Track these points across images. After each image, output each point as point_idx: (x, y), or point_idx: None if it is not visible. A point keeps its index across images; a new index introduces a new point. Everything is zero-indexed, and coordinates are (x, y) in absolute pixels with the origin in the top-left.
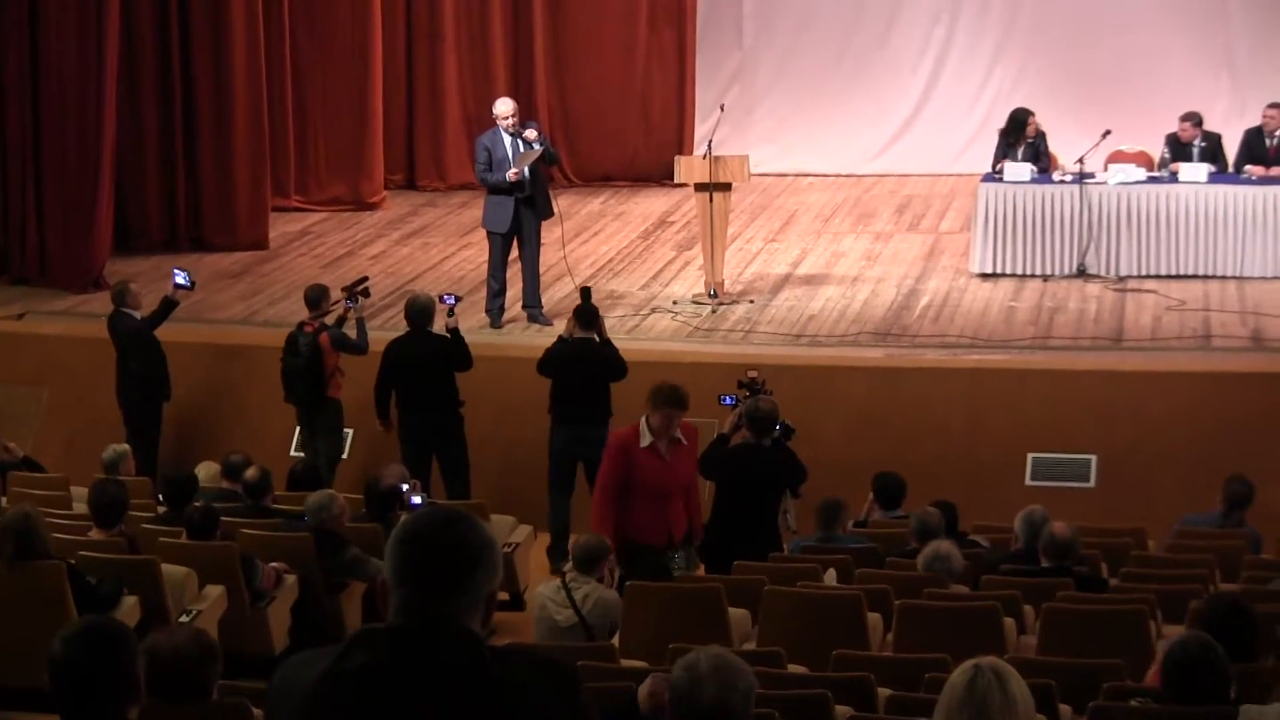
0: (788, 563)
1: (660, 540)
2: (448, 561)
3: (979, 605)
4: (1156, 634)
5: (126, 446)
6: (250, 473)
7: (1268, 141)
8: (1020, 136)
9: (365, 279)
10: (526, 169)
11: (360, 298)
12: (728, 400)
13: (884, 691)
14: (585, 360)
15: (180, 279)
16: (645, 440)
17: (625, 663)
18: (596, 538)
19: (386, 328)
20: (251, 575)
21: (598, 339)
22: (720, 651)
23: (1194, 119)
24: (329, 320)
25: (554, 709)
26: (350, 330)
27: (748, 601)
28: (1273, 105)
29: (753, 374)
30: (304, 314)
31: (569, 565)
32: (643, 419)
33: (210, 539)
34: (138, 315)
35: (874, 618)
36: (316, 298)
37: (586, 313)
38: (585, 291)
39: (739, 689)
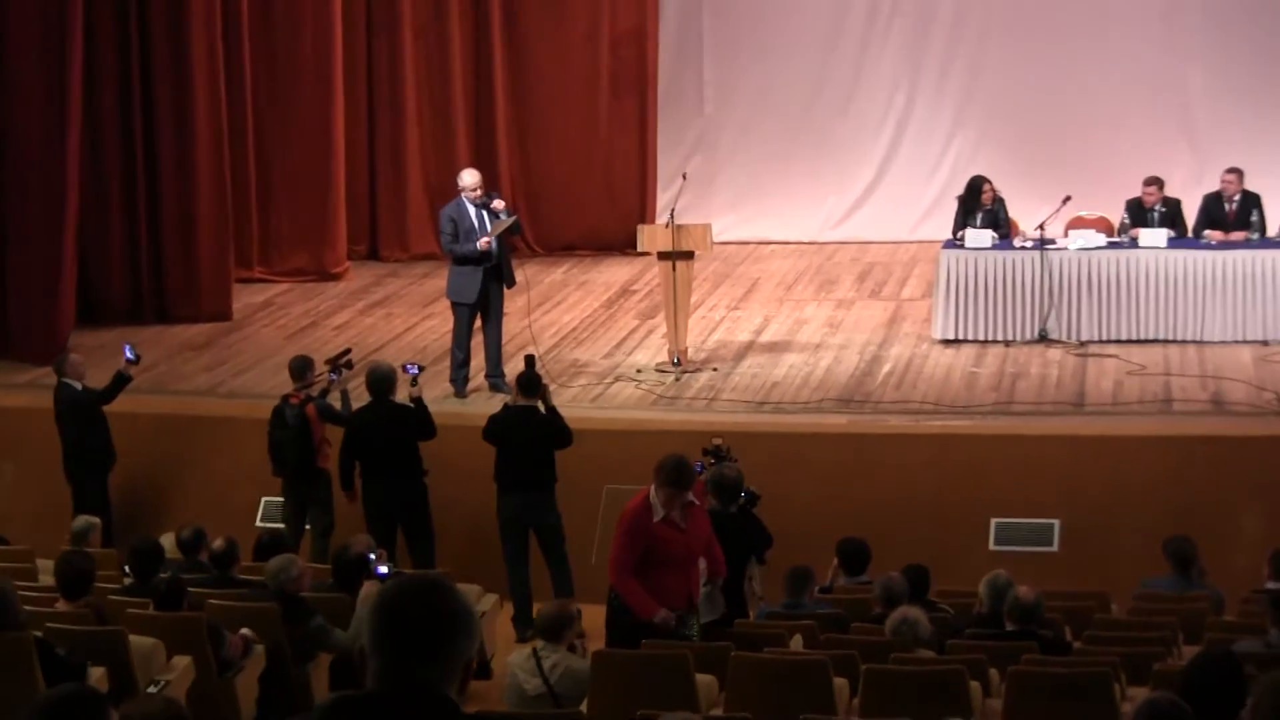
0: (754, 629)
1: (683, 605)
2: (426, 629)
3: (945, 669)
4: (1121, 696)
5: (97, 519)
6: (218, 543)
7: (1226, 206)
8: (977, 203)
9: (349, 350)
10: (495, 239)
11: (344, 369)
12: (695, 467)
13: None
14: (528, 428)
15: (128, 353)
16: (659, 515)
17: None
18: (560, 604)
19: (350, 397)
20: (219, 645)
21: (542, 407)
22: (689, 717)
23: (1157, 183)
24: (314, 391)
25: None
26: (335, 401)
27: (714, 668)
28: (1231, 170)
29: (718, 441)
30: (269, 385)
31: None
32: (649, 490)
33: (178, 609)
34: (78, 386)
35: (840, 682)
36: (301, 368)
37: (528, 380)
38: (529, 360)
39: None
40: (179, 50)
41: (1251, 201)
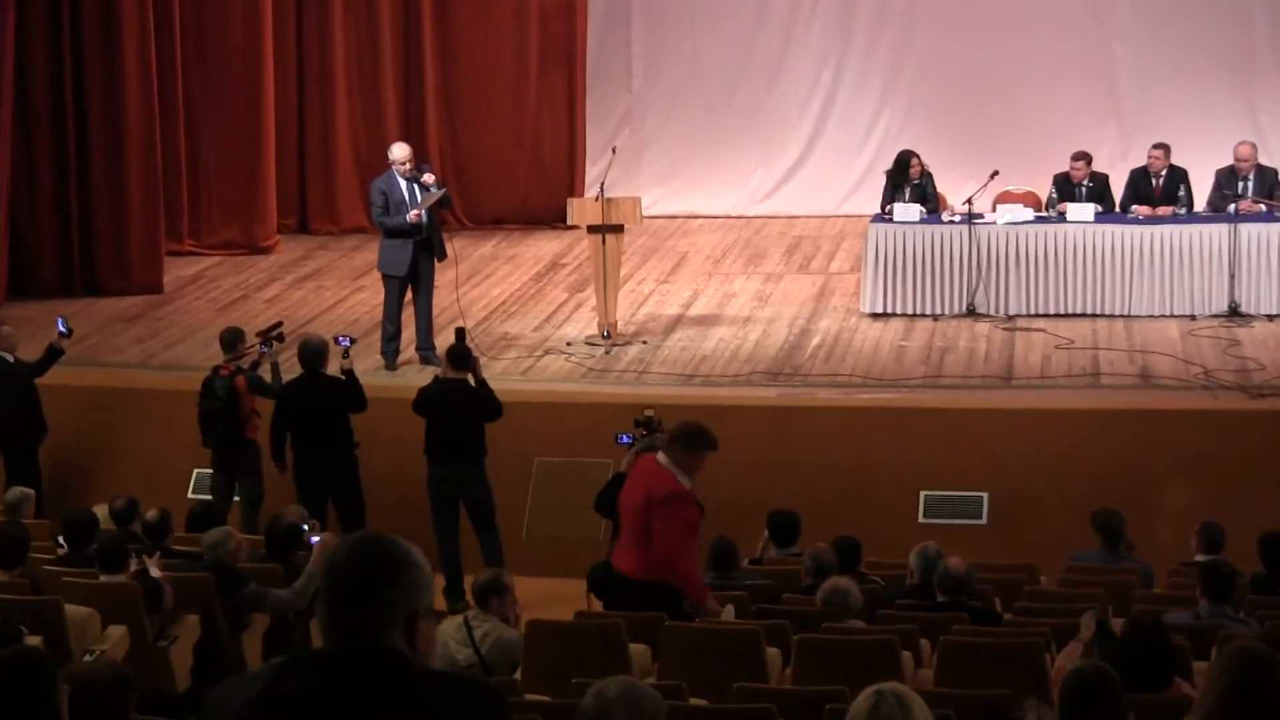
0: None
1: None
2: (362, 580)
3: (876, 639)
4: (1051, 665)
5: (30, 490)
6: (151, 514)
7: (1153, 181)
8: (905, 178)
9: (280, 323)
10: (425, 212)
11: (275, 342)
12: (625, 439)
13: None
14: (457, 400)
15: (60, 327)
16: (686, 483)
17: (529, 697)
18: (493, 573)
19: (280, 370)
20: (157, 598)
21: (472, 380)
22: (629, 679)
23: (1085, 158)
24: (244, 364)
25: None
26: (265, 374)
27: (647, 637)
28: (1157, 146)
29: (649, 412)
30: (201, 358)
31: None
32: (660, 458)
33: (123, 570)
34: (9, 358)
35: (773, 652)
36: (232, 340)
37: (458, 353)
38: (459, 332)
39: (648, 715)
40: (108, 21)
41: (1178, 177)
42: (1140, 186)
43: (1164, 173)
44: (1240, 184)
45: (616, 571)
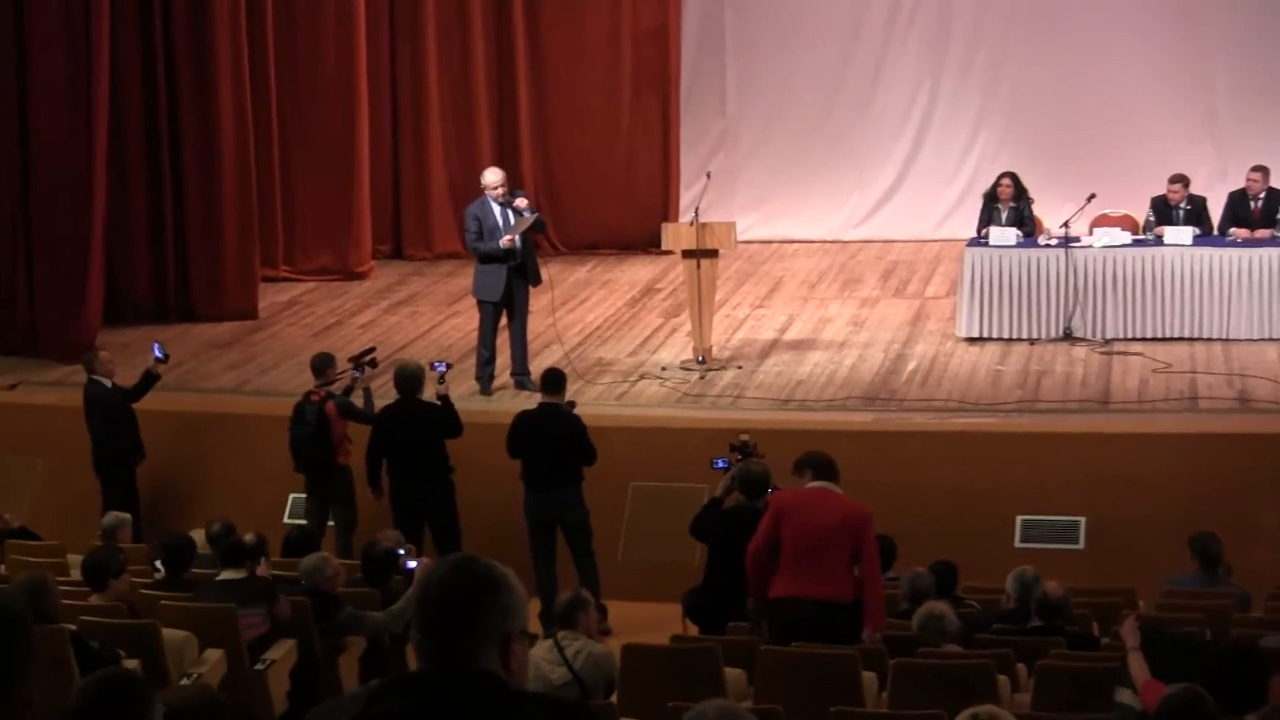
0: None
1: None
2: (456, 602)
3: (973, 663)
4: None
5: (127, 515)
6: (248, 537)
7: (1251, 204)
8: (998, 201)
9: (373, 349)
10: (519, 237)
11: (367, 367)
12: (720, 464)
13: None
14: (550, 427)
15: (157, 352)
16: None
17: None
18: (573, 591)
19: (376, 395)
20: (272, 603)
21: (565, 404)
22: (725, 703)
23: (1183, 181)
24: (335, 389)
25: None
26: (357, 399)
27: (743, 661)
28: (1256, 168)
29: (745, 437)
30: (295, 383)
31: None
32: (833, 487)
33: (250, 568)
34: (108, 383)
35: (869, 676)
36: (322, 365)
37: (552, 378)
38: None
39: None
40: (202, 51)
41: (1276, 199)
42: (1238, 209)
43: (1263, 195)
44: None
45: (798, 598)
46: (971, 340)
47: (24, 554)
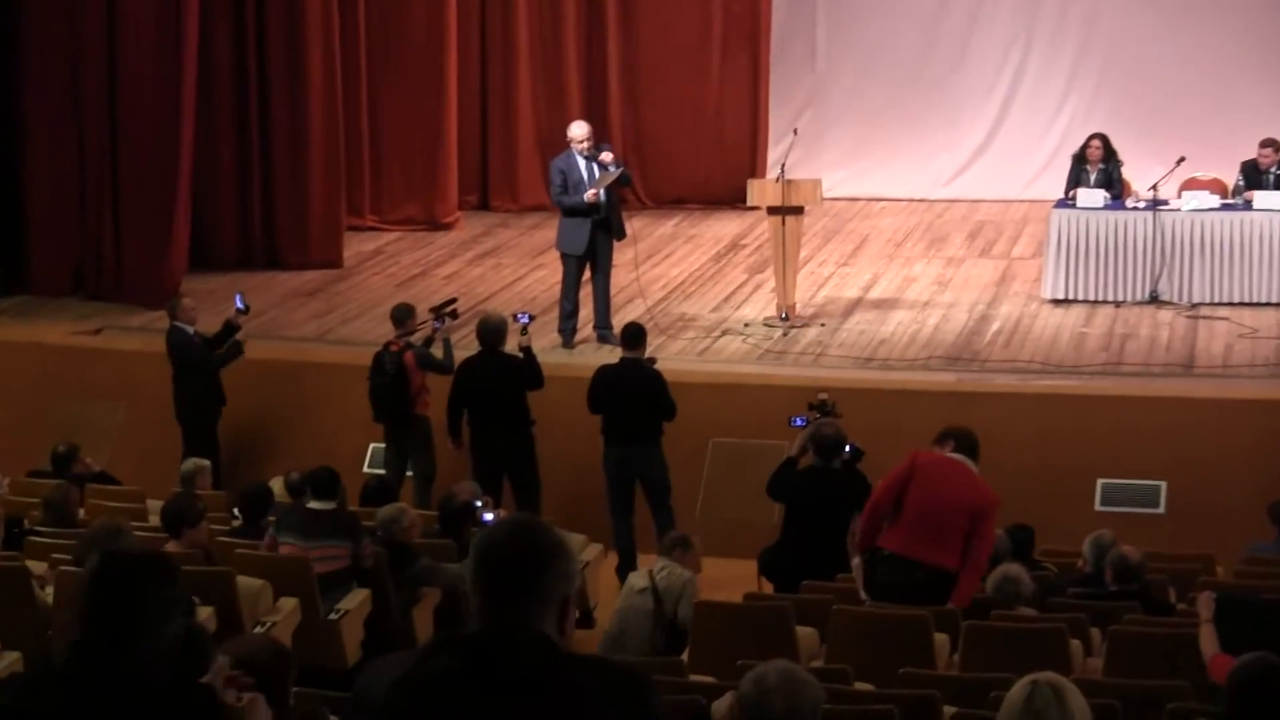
0: (854, 585)
1: None
2: (517, 566)
3: (1045, 627)
4: None
5: (206, 461)
6: None
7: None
8: (1086, 162)
9: (454, 300)
10: (603, 191)
11: (448, 318)
12: (798, 421)
13: (949, 709)
14: (630, 382)
15: (238, 303)
16: None
17: (694, 678)
18: (683, 534)
19: (459, 346)
20: (358, 539)
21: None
22: (788, 665)
23: (1273, 145)
24: (416, 339)
25: (626, 715)
26: (437, 350)
27: (816, 620)
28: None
29: (823, 396)
30: (378, 333)
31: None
32: (970, 465)
33: (335, 498)
34: (190, 330)
35: (940, 638)
36: (402, 316)
37: (632, 332)
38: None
39: (807, 701)
40: None
41: None
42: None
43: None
44: None
45: (911, 559)
46: (1056, 302)
47: (104, 498)
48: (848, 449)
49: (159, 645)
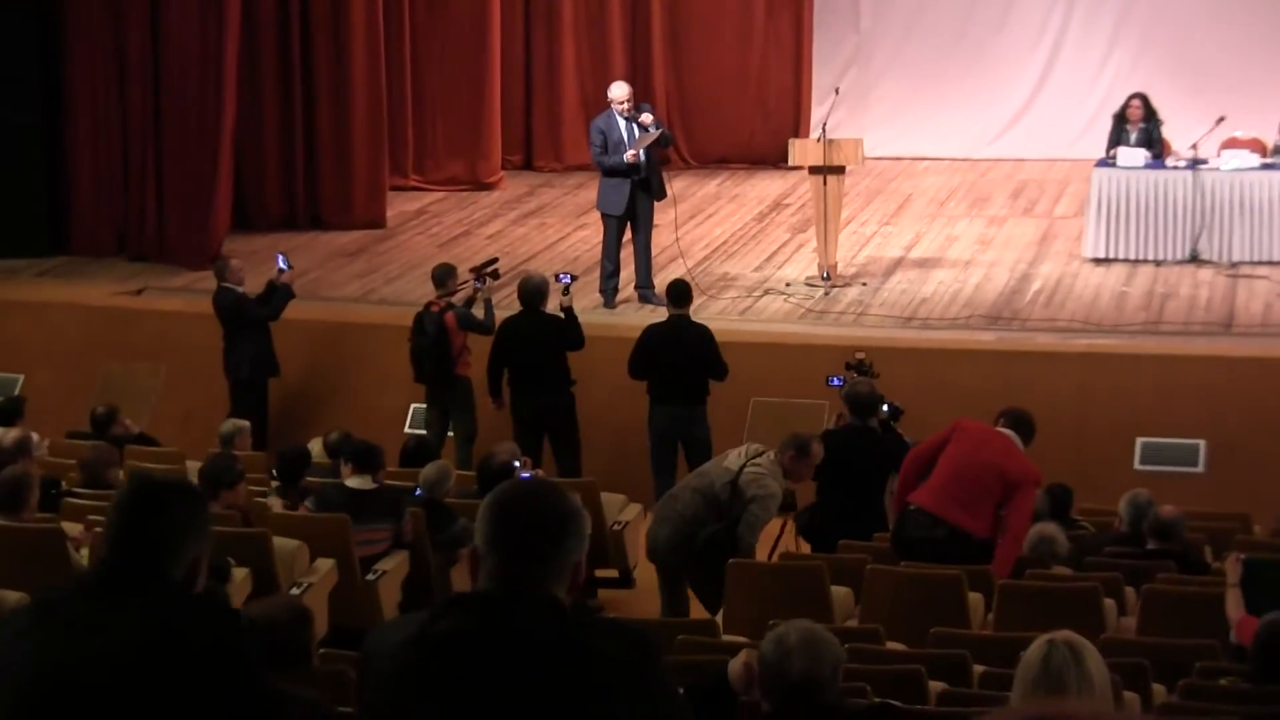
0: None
1: None
2: (534, 529)
3: (1079, 586)
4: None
5: (245, 422)
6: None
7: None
8: (1126, 121)
9: (495, 260)
10: (643, 151)
11: (489, 279)
12: (835, 381)
13: (979, 668)
14: (680, 340)
15: (281, 263)
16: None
17: (727, 638)
18: (802, 438)
19: (500, 306)
20: (400, 515)
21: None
22: (809, 625)
23: None
24: (457, 300)
25: (634, 676)
26: (478, 310)
27: (851, 581)
28: None
29: (860, 355)
30: (420, 294)
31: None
32: (1015, 438)
33: (378, 472)
34: (239, 290)
35: (975, 598)
36: (443, 276)
37: (677, 290)
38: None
39: (827, 661)
40: None
41: None
42: None
43: None
44: None
45: (938, 517)
46: (1098, 261)
47: (143, 460)
48: (885, 408)
49: (181, 564)
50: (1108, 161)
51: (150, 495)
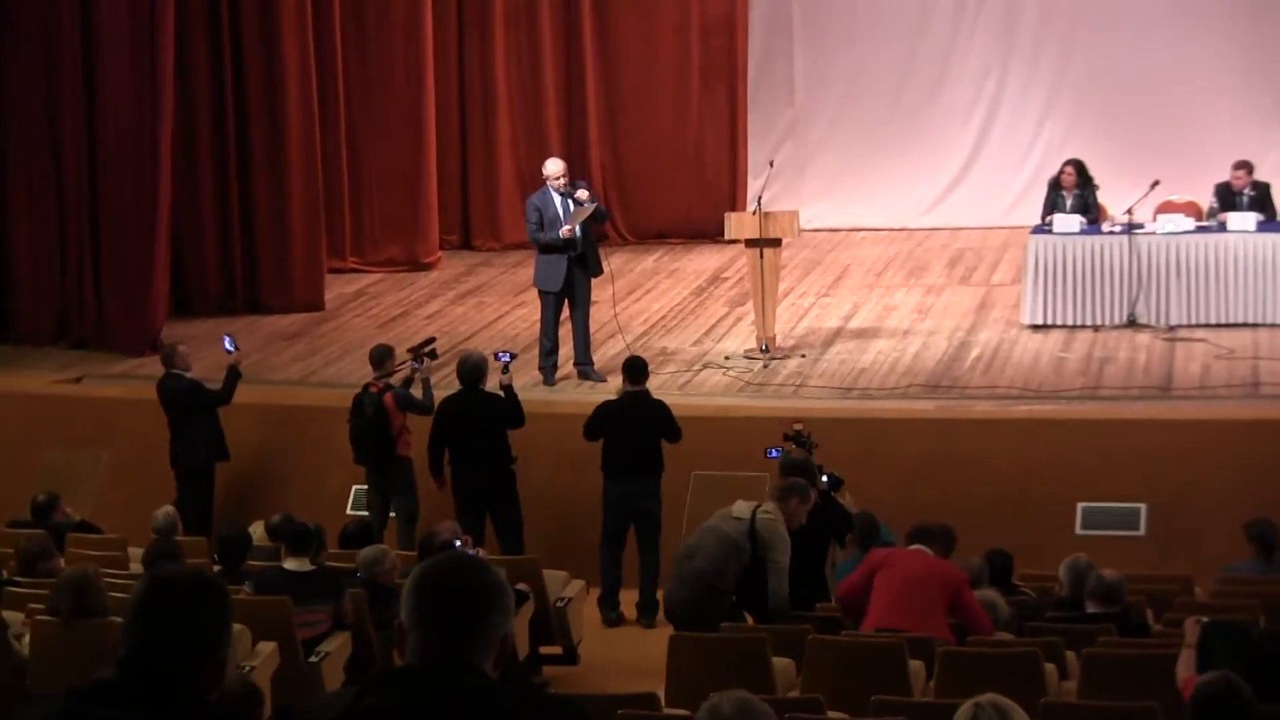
0: (835, 612)
1: None
2: (460, 605)
3: (1019, 651)
4: None
5: (172, 509)
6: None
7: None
8: (1060, 188)
9: (433, 340)
10: (578, 227)
11: (427, 359)
12: (774, 453)
13: None
14: (635, 415)
15: (227, 345)
16: None
17: (668, 711)
18: (798, 481)
19: (440, 386)
20: (340, 598)
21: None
22: (744, 695)
23: (1246, 166)
24: (395, 380)
25: None
26: (417, 390)
27: (793, 651)
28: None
29: (798, 426)
30: (360, 375)
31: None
32: (928, 551)
33: (316, 553)
34: (188, 376)
35: (916, 665)
36: (381, 357)
37: (633, 366)
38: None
39: None
40: (270, 40)
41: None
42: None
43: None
44: None
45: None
46: (1036, 327)
47: (85, 547)
48: (825, 478)
49: (212, 667)
50: (1044, 228)
51: (177, 591)
